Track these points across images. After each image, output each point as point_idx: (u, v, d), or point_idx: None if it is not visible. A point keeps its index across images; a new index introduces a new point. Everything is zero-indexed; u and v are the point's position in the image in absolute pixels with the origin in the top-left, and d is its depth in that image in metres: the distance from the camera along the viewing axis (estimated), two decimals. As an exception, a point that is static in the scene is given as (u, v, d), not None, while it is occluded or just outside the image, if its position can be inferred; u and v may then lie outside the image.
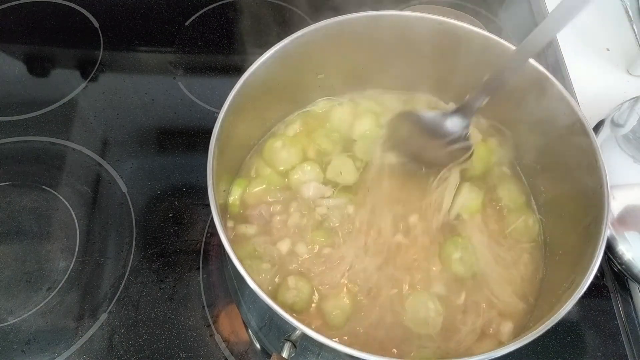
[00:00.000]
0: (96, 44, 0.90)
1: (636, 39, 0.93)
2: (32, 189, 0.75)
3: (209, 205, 0.49)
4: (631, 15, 0.95)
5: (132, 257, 0.70)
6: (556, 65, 0.90)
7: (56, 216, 0.73)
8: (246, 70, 0.57)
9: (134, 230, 0.72)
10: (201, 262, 0.71)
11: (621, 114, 0.76)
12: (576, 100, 0.63)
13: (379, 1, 0.71)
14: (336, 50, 0.64)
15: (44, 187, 0.75)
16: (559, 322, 0.46)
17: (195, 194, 0.76)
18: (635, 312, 0.70)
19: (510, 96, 0.63)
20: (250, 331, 0.66)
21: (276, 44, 0.59)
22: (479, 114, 0.70)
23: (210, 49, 0.91)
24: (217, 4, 0.96)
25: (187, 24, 0.93)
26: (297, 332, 0.47)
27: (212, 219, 0.49)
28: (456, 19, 0.62)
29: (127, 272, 0.69)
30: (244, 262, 0.48)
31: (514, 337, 0.57)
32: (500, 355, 0.44)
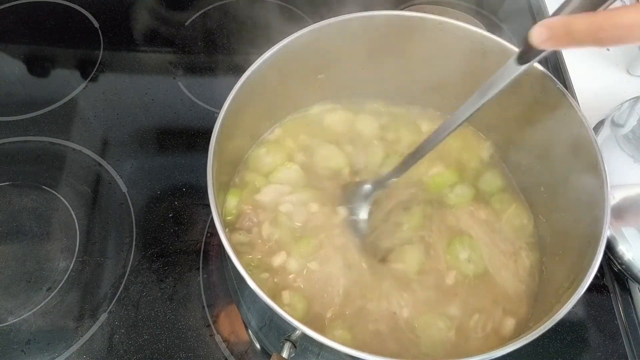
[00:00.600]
0: (96, 44, 0.90)
1: (636, 39, 0.93)
2: (32, 189, 0.75)
3: (209, 205, 0.49)
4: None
5: (132, 257, 0.70)
6: (556, 65, 0.90)
7: (56, 216, 0.73)
8: (246, 70, 0.57)
9: (134, 230, 0.72)
10: (201, 262, 0.71)
11: (621, 114, 0.76)
12: (576, 100, 0.63)
13: (379, 1, 0.71)
14: (336, 50, 0.64)
15: (44, 187, 0.75)
16: (559, 322, 0.46)
17: (195, 194, 0.76)
18: (635, 312, 0.70)
19: (510, 96, 0.63)
20: (250, 331, 0.66)
21: (276, 44, 0.59)
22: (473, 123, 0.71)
23: (210, 49, 0.91)
24: (217, 4, 0.96)
25: (187, 24, 0.93)
26: (297, 332, 0.47)
27: (212, 219, 0.49)
28: (456, 19, 0.62)
29: (127, 272, 0.69)
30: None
31: (516, 333, 0.57)
32: (500, 355, 0.44)
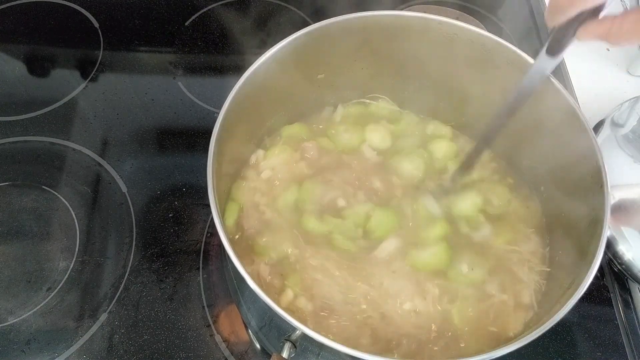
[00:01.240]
0: (96, 44, 0.90)
1: (636, 39, 0.93)
2: (32, 189, 0.75)
3: (209, 205, 0.49)
4: (628, 7, 0.95)
5: (132, 257, 0.70)
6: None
7: (56, 216, 0.73)
8: (246, 70, 0.57)
9: (134, 230, 0.72)
10: (201, 262, 0.71)
11: (621, 114, 0.76)
12: (576, 100, 0.63)
13: (379, 1, 0.71)
14: (336, 50, 0.64)
15: (44, 187, 0.75)
16: (559, 322, 0.46)
17: (195, 194, 0.76)
18: (635, 312, 0.70)
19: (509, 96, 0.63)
20: (250, 331, 0.66)
21: (276, 44, 0.59)
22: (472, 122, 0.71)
23: (210, 49, 0.91)
24: (217, 4, 0.96)
25: (187, 24, 0.93)
26: (297, 332, 0.47)
27: (212, 219, 0.49)
28: (456, 19, 0.62)
29: (127, 272, 0.69)
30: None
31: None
32: (500, 355, 0.44)
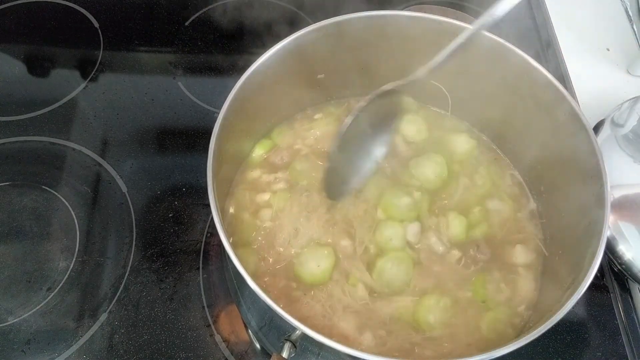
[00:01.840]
0: (96, 44, 0.90)
1: (636, 39, 0.93)
2: (32, 189, 0.75)
3: (209, 205, 0.49)
4: (631, 15, 0.95)
5: (132, 257, 0.70)
6: (556, 65, 0.90)
7: (56, 216, 0.73)
8: (246, 70, 0.57)
9: (134, 230, 0.72)
10: (201, 262, 0.71)
11: (621, 114, 0.76)
12: (576, 100, 0.63)
13: (378, 1, 0.71)
14: (336, 50, 0.64)
15: (44, 187, 0.75)
16: (559, 322, 0.46)
17: (195, 194, 0.76)
18: (635, 312, 0.70)
19: (510, 97, 0.63)
20: (250, 331, 0.66)
21: (276, 44, 0.59)
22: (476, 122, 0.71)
23: (210, 49, 0.91)
24: (217, 3, 0.96)
25: (187, 24, 0.93)
26: (297, 332, 0.47)
27: (212, 219, 0.49)
28: (456, 19, 0.62)
29: (127, 272, 0.69)
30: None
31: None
32: (500, 355, 0.44)
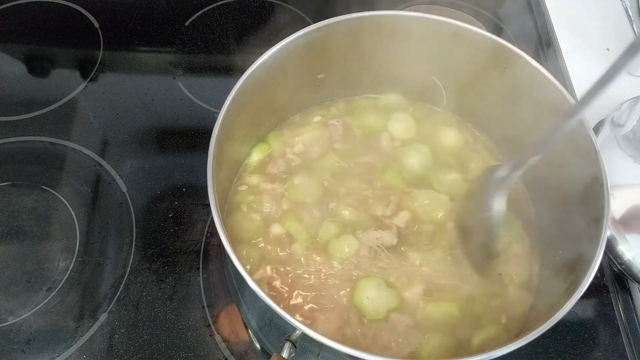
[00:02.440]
0: (96, 44, 0.90)
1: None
2: (32, 189, 0.75)
3: (209, 205, 0.49)
4: (631, 15, 0.95)
5: (132, 257, 0.70)
6: (556, 65, 0.90)
7: (56, 216, 0.73)
8: (246, 70, 0.57)
9: (134, 230, 0.72)
10: (201, 262, 0.71)
11: (621, 114, 0.76)
12: (576, 100, 0.62)
13: (379, 1, 0.71)
14: (336, 50, 0.64)
15: (44, 187, 0.75)
16: (559, 322, 0.46)
17: (195, 194, 0.76)
18: (635, 312, 0.70)
19: (510, 97, 0.63)
20: (250, 331, 0.66)
21: (276, 43, 0.59)
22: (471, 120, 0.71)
23: (210, 49, 0.91)
24: (217, 4, 0.96)
25: (187, 24, 0.93)
26: (297, 332, 0.47)
27: (212, 219, 0.49)
28: (456, 19, 0.62)
29: (127, 272, 0.69)
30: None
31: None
32: (500, 355, 0.44)
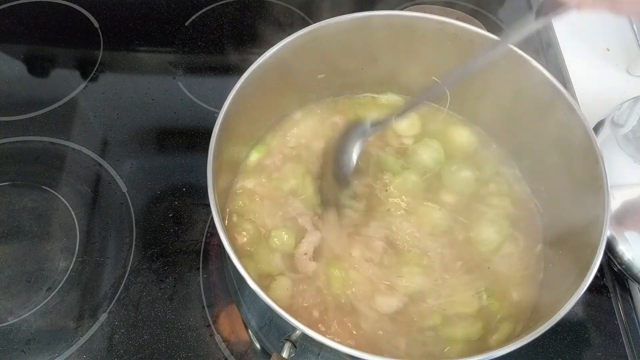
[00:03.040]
0: (96, 44, 0.90)
1: (636, 39, 0.93)
2: (32, 189, 0.75)
3: (209, 205, 0.49)
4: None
5: (132, 257, 0.70)
6: (556, 65, 0.90)
7: (56, 216, 0.73)
8: (246, 70, 0.57)
9: (134, 230, 0.72)
10: (201, 262, 0.71)
11: (621, 114, 0.76)
12: (576, 100, 0.63)
13: (379, 1, 0.71)
14: (336, 50, 0.64)
15: (44, 187, 0.75)
16: (559, 322, 0.46)
17: (195, 194, 0.76)
18: (635, 312, 0.70)
19: (510, 97, 0.63)
20: (250, 331, 0.66)
21: (276, 44, 0.59)
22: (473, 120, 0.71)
23: (210, 49, 0.91)
24: (217, 4, 0.96)
25: (187, 24, 0.93)
26: (297, 332, 0.47)
27: (212, 219, 0.49)
28: (456, 19, 0.62)
29: (127, 272, 0.69)
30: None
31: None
32: (500, 355, 0.44)
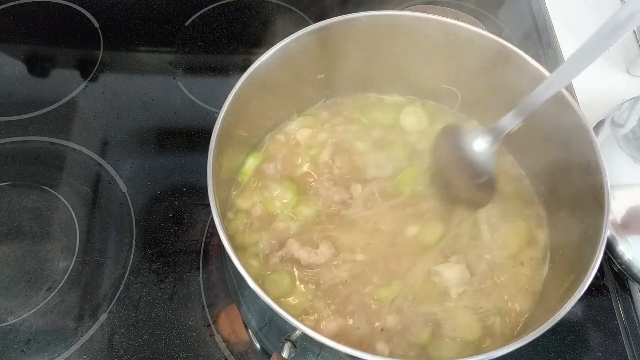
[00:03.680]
0: (96, 44, 0.90)
1: (636, 39, 0.93)
2: (32, 189, 0.75)
3: (209, 205, 0.49)
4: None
5: (132, 257, 0.70)
6: (556, 65, 0.90)
7: (56, 216, 0.73)
8: (246, 70, 0.57)
9: (134, 230, 0.72)
10: (201, 262, 0.71)
11: (621, 114, 0.76)
12: (576, 100, 0.63)
13: (379, 1, 0.71)
14: (336, 50, 0.64)
15: (44, 187, 0.75)
16: (559, 322, 0.46)
17: (195, 194, 0.76)
18: (635, 312, 0.70)
19: (509, 96, 0.63)
20: (250, 331, 0.66)
21: (276, 44, 0.59)
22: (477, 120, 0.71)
23: (210, 49, 0.91)
24: (217, 4, 0.96)
25: (187, 24, 0.93)
26: (297, 332, 0.47)
27: (212, 219, 0.49)
28: (456, 19, 0.62)
29: (127, 272, 0.69)
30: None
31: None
32: (500, 355, 0.44)
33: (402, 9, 0.64)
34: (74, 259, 0.70)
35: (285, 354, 0.48)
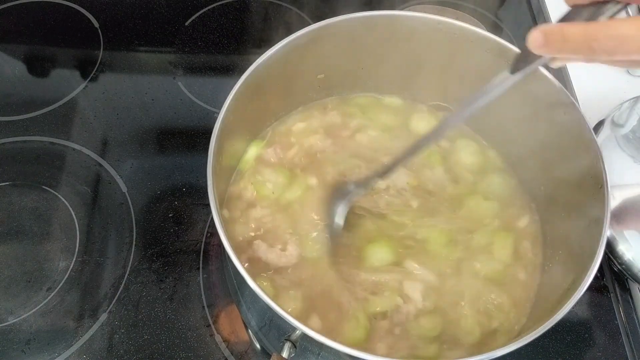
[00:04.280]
0: (96, 44, 0.90)
1: (636, 39, 0.93)
2: (32, 189, 0.75)
3: (209, 205, 0.49)
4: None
5: (132, 257, 0.70)
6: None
7: (56, 216, 0.73)
8: (246, 70, 0.57)
9: (134, 230, 0.72)
10: (201, 262, 0.71)
11: (621, 114, 0.76)
12: (576, 100, 0.63)
13: (379, 1, 0.71)
14: (336, 50, 0.64)
15: (44, 187, 0.75)
16: (559, 322, 0.46)
17: (195, 194, 0.76)
18: (635, 312, 0.70)
19: (509, 96, 0.63)
20: (250, 331, 0.66)
21: (276, 44, 0.59)
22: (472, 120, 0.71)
23: (210, 49, 0.91)
24: (217, 4, 0.96)
25: (187, 24, 0.93)
26: (297, 332, 0.47)
27: (212, 219, 0.49)
28: (456, 19, 0.62)
29: (127, 272, 0.69)
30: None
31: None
32: (500, 355, 0.44)
33: (401, 9, 0.64)
34: (74, 259, 0.70)
35: (285, 354, 0.48)
